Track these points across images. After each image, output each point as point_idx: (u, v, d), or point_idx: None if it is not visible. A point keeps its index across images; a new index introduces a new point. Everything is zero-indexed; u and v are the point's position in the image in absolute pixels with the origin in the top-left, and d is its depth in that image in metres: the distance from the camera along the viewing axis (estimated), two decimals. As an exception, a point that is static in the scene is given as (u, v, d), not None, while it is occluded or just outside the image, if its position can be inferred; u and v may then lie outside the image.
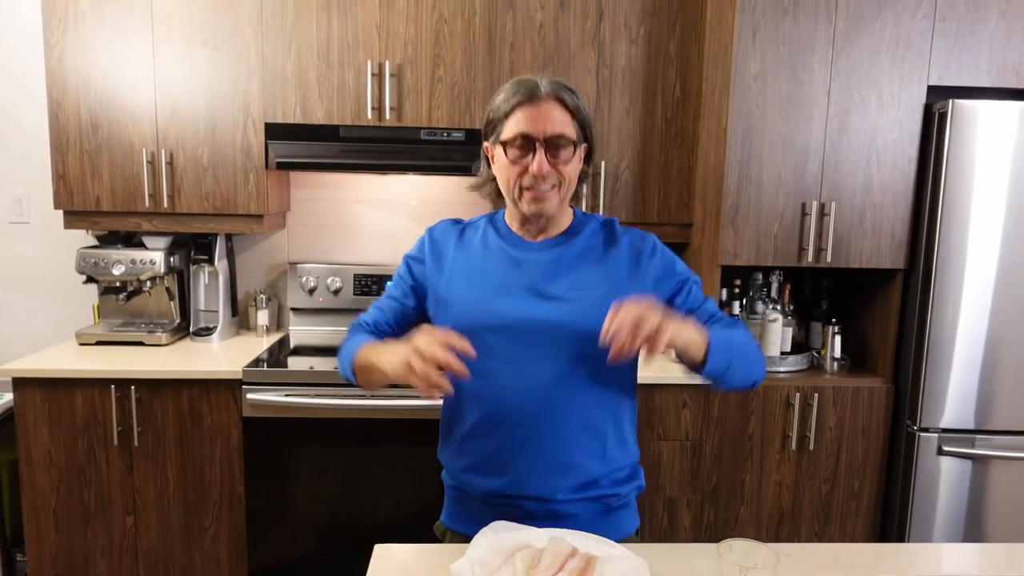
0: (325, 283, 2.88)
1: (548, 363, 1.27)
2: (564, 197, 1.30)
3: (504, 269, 1.33)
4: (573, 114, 1.26)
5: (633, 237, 1.36)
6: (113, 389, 2.32)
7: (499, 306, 1.30)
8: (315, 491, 2.40)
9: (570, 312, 1.27)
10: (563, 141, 1.25)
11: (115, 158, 2.52)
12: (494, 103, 1.29)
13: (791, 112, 2.35)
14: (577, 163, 1.29)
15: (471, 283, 1.33)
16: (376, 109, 2.53)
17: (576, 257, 1.33)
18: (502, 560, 1.16)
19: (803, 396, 2.46)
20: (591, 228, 1.37)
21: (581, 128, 1.28)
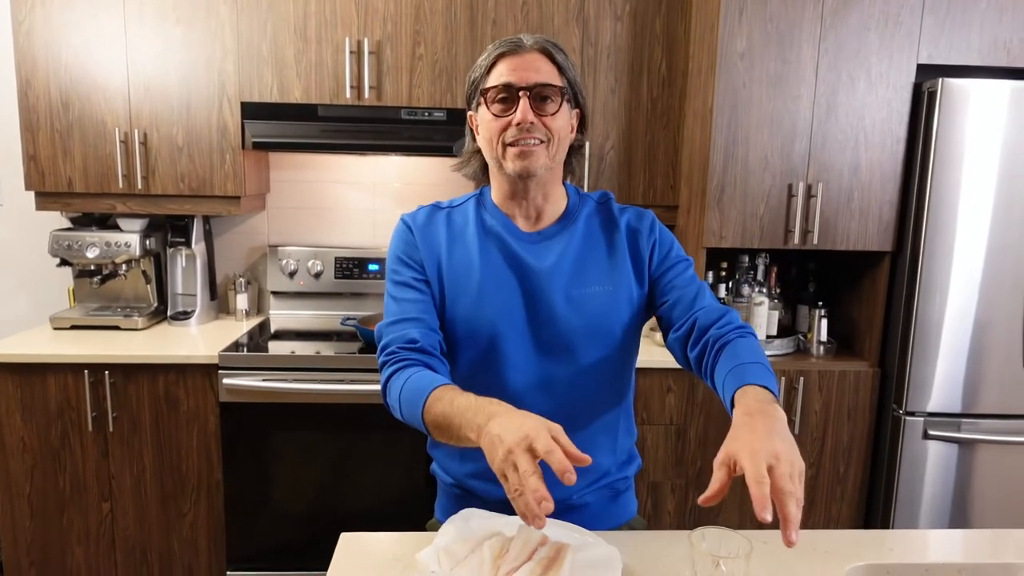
0: (306, 266, 2.83)
1: (562, 367, 1.21)
2: (553, 156, 1.18)
3: (506, 267, 1.22)
4: (560, 70, 1.17)
5: (631, 217, 1.28)
6: (87, 374, 2.28)
7: (505, 309, 1.21)
8: (295, 478, 2.36)
9: (581, 314, 1.21)
10: (549, 91, 1.15)
11: (87, 138, 2.45)
12: (476, 64, 1.20)
13: (778, 91, 2.30)
14: (566, 119, 1.19)
15: (472, 284, 1.22)
16: (355, 88, 2.47)
17: (579, 250, 1.24)
18: (469, 549, 1.12)
19: (788, 380, 2.43)
20: (588, 210, 1.29)
21: (570, 87, 1.18)
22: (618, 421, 1.31)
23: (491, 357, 1.22)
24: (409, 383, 1.12)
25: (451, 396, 1.06)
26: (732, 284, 2.62)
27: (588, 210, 1.28)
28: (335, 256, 2.83)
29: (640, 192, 2.61)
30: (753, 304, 2.52)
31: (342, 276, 2.84)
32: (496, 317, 1.21)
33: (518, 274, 1.22)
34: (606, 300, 1.22)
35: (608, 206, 1.30)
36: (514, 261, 1.23)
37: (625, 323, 1.24)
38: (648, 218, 1.30)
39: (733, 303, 2.61)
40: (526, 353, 1.22)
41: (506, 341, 1.21)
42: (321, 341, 2.56)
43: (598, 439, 1.28)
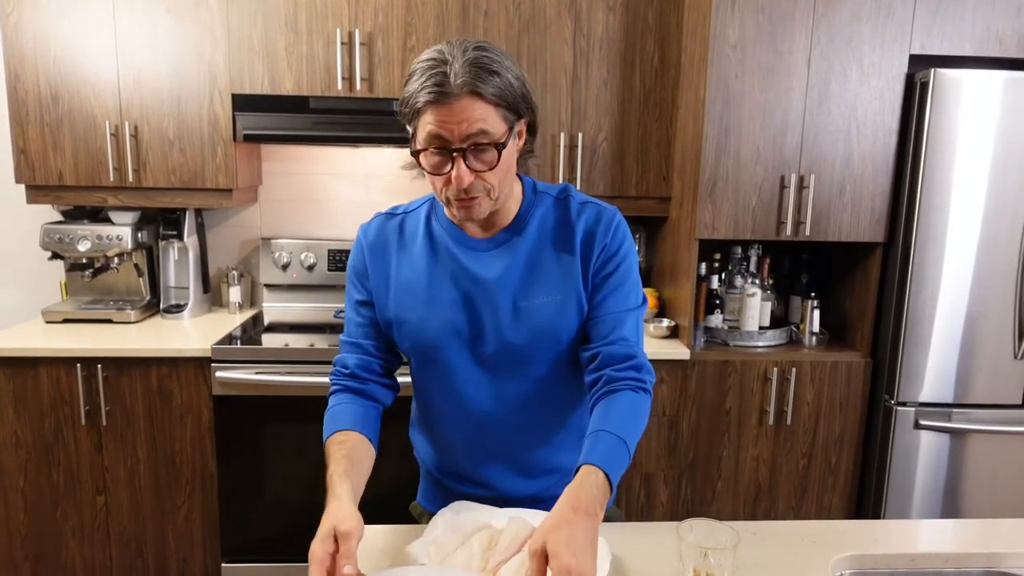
0: (299, 259, 2.82)
1: (513, 380, 1.20)
2: (497, 198, 1.13)
3: (453, 280, 1.19)
4: (496, 102, 1.05)
5: (589, 217, 1.20)
6: (79, 368, 2.27)
7: (453, 324, 1.19)
8: (289, 470, 2.37)
9: (528, 327, 1.17)
10: (483, 141, 1.06)
11: (77, 131, 2.44)
12: (406, 91, 1.10)
13: (771, 82, 2.30)
14: (509, 154, 1.11)
15: (419, 299, 1.20)
16: (346, 79, 2.46)
17: (530, 255, 1.19)
18: (460, 541, 1.13)
19: (781, 371, 2.44)
20: (543, 209, 1.21)
21: (512, 109, 1.08)
22: (583, 418, 1.25)
23: (442, 369, 1.21)
24: (328, 414, 1.24)
25: (329, 455, 1.16)
26: (725, 275, 2.63)
27: (543, 209, 1.22)
28: (328, 248, 2.83)
29: (633, 184, 2.60)
30: (746, 295, 2.53)
31: (335, 268, 2.83)
32: (441, 331, 1.19)
33: (464, 286, 1.19)
34: (554, 310, 1.17)
35: (566, 203, 1.22)
36: (461, 273, 1.19)
37: (573, 331, 1.19)
38: (606, 219, 1.20)
39: (726, 295, 2.61)
40: (474, 366, 1.20)
41: (453, 354, 1.20)
42: (315, 334, 2.56)
43: (564, 441, 1.27)
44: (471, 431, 1.25)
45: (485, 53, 1.06)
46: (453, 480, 1.32)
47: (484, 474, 1.27)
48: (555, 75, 2.52)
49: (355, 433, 1.18)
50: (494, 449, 1.25)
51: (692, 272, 2.42)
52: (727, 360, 2.43)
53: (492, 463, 1.26)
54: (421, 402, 1.33)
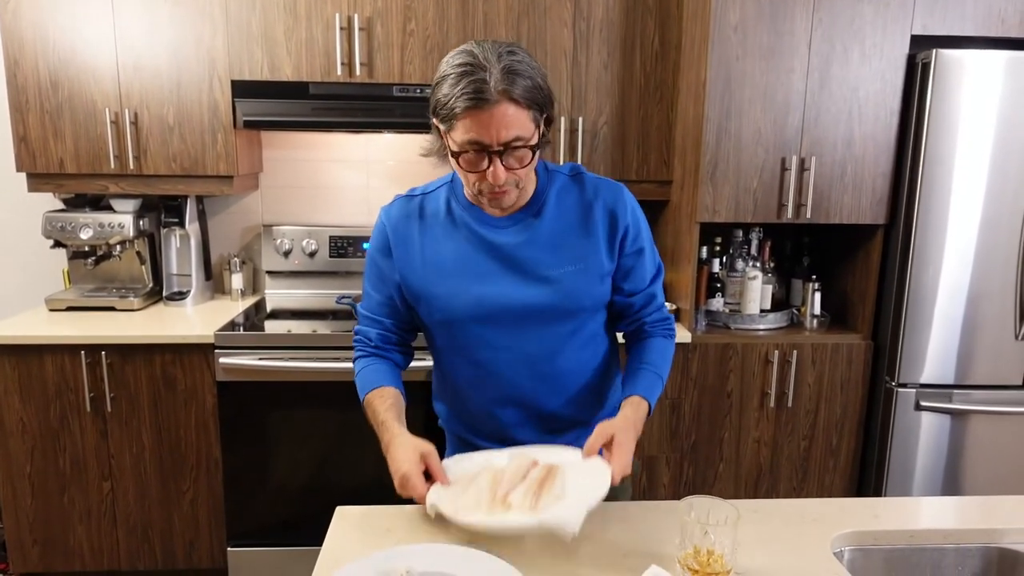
0: (300, 245, 2.83)
1: (535, 344, 1.27)
2: (526, 184, 1.24)
3: (478, 254, 1.26)
4: (528, 104, 1.13)
5: (607, 196, 1.28)
6: (83, 355, 2.29)
7: (481, 295, 1.26)
8: (293, 454, 2.38)
9: (555, 292, 1.25)
10: (519, 143, 1.14)
11: (77, 118, 2.44)
12: (441, 93, 1.15)
13: (772, 64, 2.29)
14: (535, 155, 1.20)
15: (446, 273, 1.27)
16: (346, 65, 2.46)
17: (549, 228, 1.26)
18: (466, 484, 1.17)
19: (782, 353, 2.45)
20: (558, 186, 1.29)
21: (539, 108, 1.15)
22: (603, 382, 1.37)
23: (469, 338, 1.28)
24: (360, 375, 1.38)
25: (374, 408, 1.32)
26: (726, 259, 2.63)
27: (558, 186, 1.29)
28: (329, 235, 2.83)
29: (634, 168, 2.60)
30: (747, 278, 2.53)
31: (336, 255, 2.84)
32: (469, 302, 1.26)
33: (489, 259, 1.26)
34: (575, 278, 1.26)
35: (580, 180, 1.31)
36: (485, 246, 1.26)
37: (596, 297, 1.30)
38: (624, 196, 1.30)
39: (727, 278, 2.61)
40: (499, 333, 1.27)
41: (480, 324, 1.27)
42: (317, 320, 2.57)
43: (586, 400, 1.35)
44: (496, 393, 1.32)
45: (516, 58, 1.12)
46: (479, 439, 1.38)
47: (509, 432, 1.34)
48: (555, 59, 2.51)
49: (391, 388, 1.33)
50: (518, 409, 1.33)
51: (693, 256, 2.42)
52: (728, 343, 2.44)
53: (517, 422, 1.33)
54: (445, 371, 1.39)
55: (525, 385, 1.30)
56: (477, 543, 1.09)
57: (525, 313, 1.25)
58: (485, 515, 1.09)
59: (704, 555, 1.01)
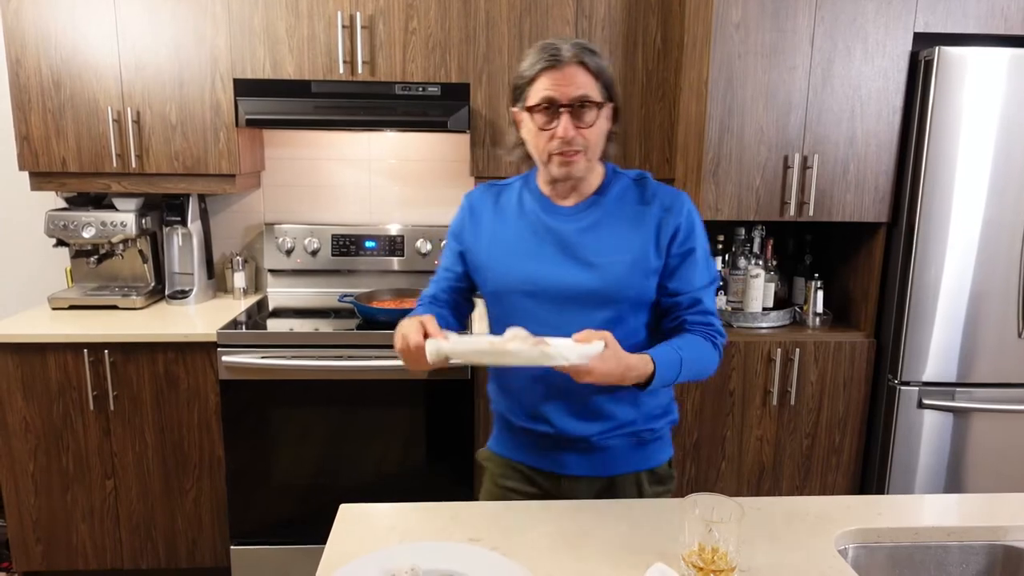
0: (302, 244, 2.83)
1: (580, 326, 1.28)
2: (591, 159, 1.32)
3: (537, 234, 1.37)
4: (596, 76, 1.27)
5: (664, 197, 1.36)
6: (86, 353, 2.29)
7: (532, 272, 1.35)
8: (296, 453, 2.39)
9: (599, 278, 1.32)
10: (587, 103, 1.26)
11: (80, 117, 2.44)
12: (520, 69, 1.31)
13: (774, 62, 2.29)
14: (603, 124, 1.31)
15: (506, 249, 1.39)
16: (348, 63, 2.46)
17: (606, 219, 1.35)
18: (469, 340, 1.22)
19: (784, 351, 2.45)
20: (621, 185, 1.38)
21: (606, 88, 1.29)
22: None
23: (518, 313, 1.37)
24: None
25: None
26: (728, 257, 2.63)
27: (621, 186, 1.38)
28: (332, 233, 2.83)
29: (636, 166, 2.59)
30: (749, 276, 2.53)
31: (339, 253, 2.84)
32: (521, 277, 1.37)
33: (545, 242, 1.36)
34: (622, 268, 1.32)
35: (644, 183, 1.39)
36: (544, 231, 1.37)
37: (638, 289, 1.34)
38: (681, 200, 1.36)
39: (729, 276, 2.61)
40: (546, 311, 1.35)
41: (529, 299, 1.36)
42: (319, 318, 2.57)
43: (617, 392, 1.36)
44: (538, 372, 1.37)
45: (590, 47, 1.29)
46: (520, 419, 1.44)
47: (546, 412, 1.39)
48: (557, 57, 2.51)
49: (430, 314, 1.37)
50: (558, 390, 1.37)
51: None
52: (731, 341, 2.44)
53: (554, 403, 1.39)
54: None
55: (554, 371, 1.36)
56: (481, 542, 1.09)
57: (568, 294, 1.34)
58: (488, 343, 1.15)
59: (709, 552, 1.01)
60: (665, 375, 1.24)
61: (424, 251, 2.84)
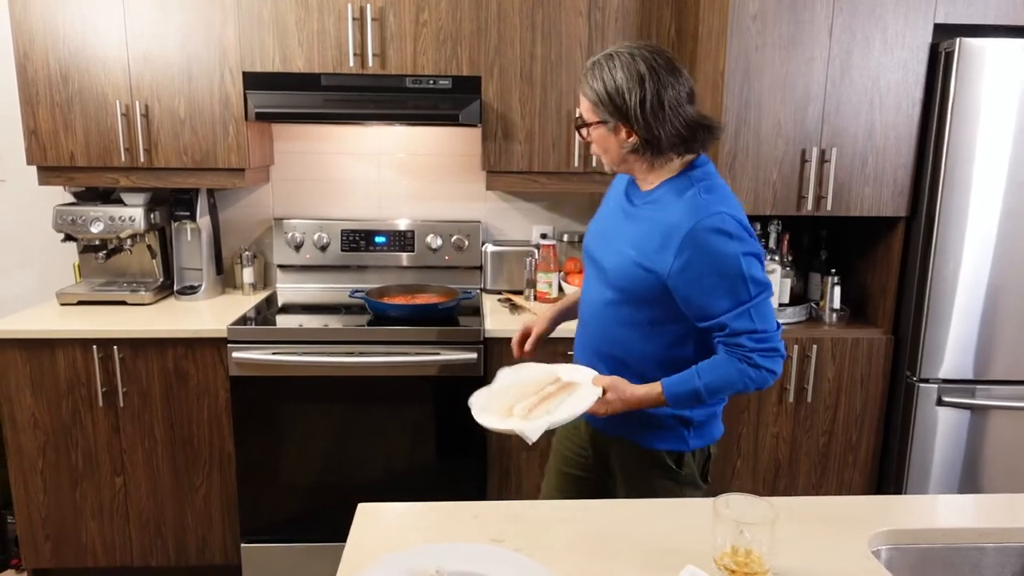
0: (312, 239, 2.80)
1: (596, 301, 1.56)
2: (608, 162, 1.50)
3: (614, 216, 1.57)
4: (590, 98, 1.43)
5: (686, 212, 1.38)
6: (95, 349, 2.27)
7: (591, 245, 1.60)
8: (306, 450, 2.36)
9: (612, 263, 1.49)
10: (580, 122, 1.49)
11: (88, 111, 2.41)
12: None
13: (792, 53, 2.25)
14: (605, 137, 1.45)
15: (595, 223, 1.64)
16: (358, 56, 2.43)
17: (641, 213, 1.48)
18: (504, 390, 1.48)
19: (801, 348, 2.41)
20: (667, 187, 1.45)
21: (608, 106, 1.40)
22: (650, 369, 1.48)
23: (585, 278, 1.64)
24: None
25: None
26: (743, 252, 2.59)
27: (667, 187, 1.45)
28: (341, 228, 2.81)
29: (650, 159, 2.56)
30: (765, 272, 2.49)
31: (348, 249, 2.81)
32: (586, 247, 1.62)
33: (614, 222, 1.56)
34: (626, 260, 1.46)
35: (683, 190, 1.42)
36: (620, 211, 1.55)
37: (635, 283, 1.45)
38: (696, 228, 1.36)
39: (744, 271, 2.57)
40: (588, 281, 1.60)
41: (587, 266, 1.61)
42: (329, 314, 2.55)
43: (626, 377, 1.47)
44: (580, 331, 1.64)
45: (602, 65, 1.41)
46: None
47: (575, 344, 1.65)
48: (570, 49, 2.48)
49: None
50: (582, 332, 1.63)
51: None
52: (746, 337, 2.40)
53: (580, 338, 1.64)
54: None
55: (586, 338, 1.61)
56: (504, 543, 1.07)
57: (598, 268, 1.54)
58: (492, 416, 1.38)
59: (742, 554, 0.98)
60: (679, 400, 1.42)
61: (435, 246, 2.81)
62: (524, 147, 2.54)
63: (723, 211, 1.36)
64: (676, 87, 1.39)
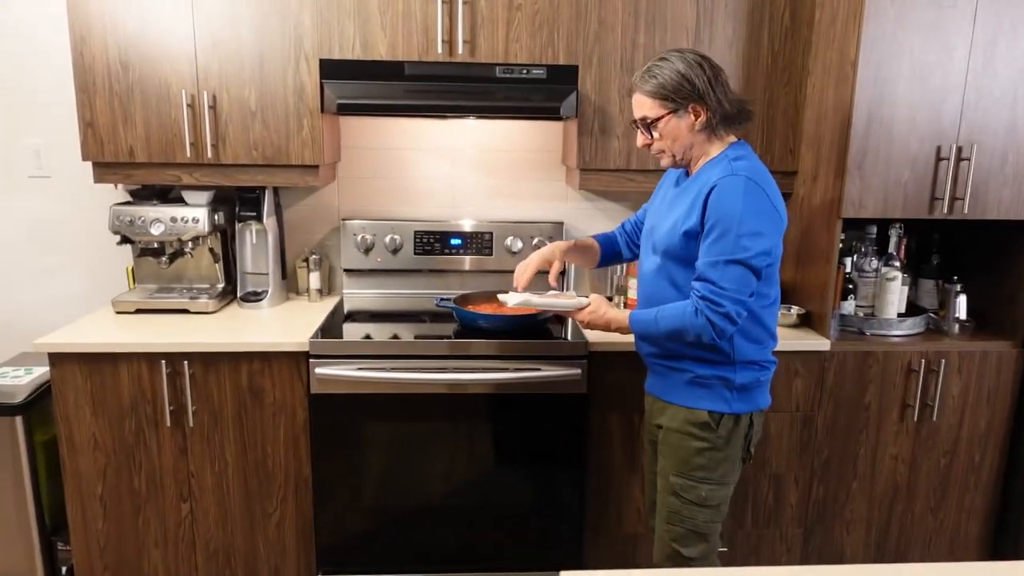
0: (383, 241, 2.59)
1: (652, 261, 1.77)
2: (675, 154, 1.71)
3: (664, 200, 1.80)
4: (653, 95, 1.65)
5: (714, 174, 1.61)
6: (163, 364, 2.06)
7: (649, 226, 1.82)
8: (391, 474, 2.16)
9: (661, 233, 1.72)
10: (644, 121, 1.70)
11: (149, 102, 2.20)
12: None
13: (931, 41, 2.05)
14: (673, 127, 1.66)
15: (654, 208, 1.85)
16: (447, 42, 2.22)
17: (681, 192, 1.72)
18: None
19: (926, 363, 2.22)
20: (707, 166, 1.68)
21: (682, 92, 1.62)
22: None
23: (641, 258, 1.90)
24: None
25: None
26: (856, 257, 2.39)
27: (709, 165, 1.68)
28: (414, 230, 2.60)
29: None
30: (885, 279, 2.30)
31: (422, 252, 2.61)
32: (647, 232, 1.83)
33: (665, 208, 1.77)
34: (668, 226, 1.70)
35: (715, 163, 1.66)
36: (669, 195, 1.79)
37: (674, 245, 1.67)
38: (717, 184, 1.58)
39: (859, 279, 2.38)
40: (643, 260, 1.85)
41: (646, 241, 1.84)
42: (408, 323, 2.35)
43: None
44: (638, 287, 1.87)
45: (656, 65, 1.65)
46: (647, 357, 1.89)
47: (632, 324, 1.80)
48: (675, 35, 2.27)
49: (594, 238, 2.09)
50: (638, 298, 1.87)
51: (833, 255, 2.19)
52: (868, 351, 2.21)
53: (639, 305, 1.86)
54: None
55: (642, 294, 1.82)
56: None
57: (651, 246, 1.78)
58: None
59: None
60: (639, 324, 1.70)
61: (515, 249, 2.60)
62: (622, 143, 2.33)
63: (743, 174, 1.57)
64: (723, 73, 1.65)
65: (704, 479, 1.72)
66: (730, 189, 1.56)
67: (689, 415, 1.71)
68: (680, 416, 1.73)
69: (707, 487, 1.72)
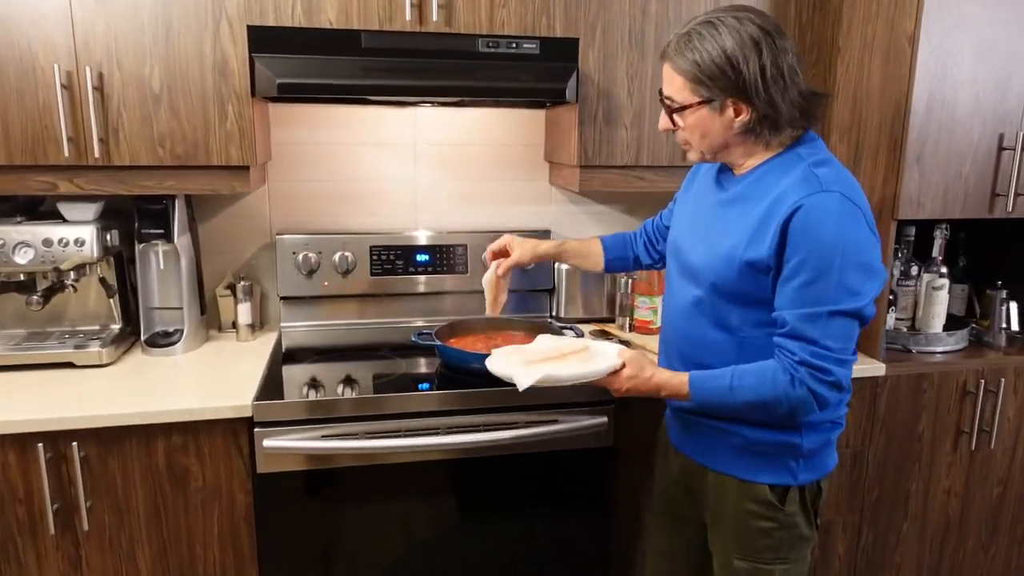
0: (330, 261, 2.07)
1: (682, 297, 1.38)
2: (704, 149, 1.31)
3: (700, 206, 1.40)
4: (685, 74, 1.23)
5: (792, 189, 1.20)
6: (41, 449, 1.47)
7: (676, 238, 1.43)
8: (366, 569, 1.66)
9: (703, 256, 1.32)
10: (666, 101, 1.29)
11: (8, 81, 1.59)
12: None
13: (999, 10, 1.75)
14: (706, 120, 1.25)
15: (680, 215, 1.47)
16: (416, 6, 1.73)
17: (736, 200, 1.30)
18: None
19: (978, 381, 1.94)
20: (768, 167, 1.27)
21: (721, 81, 1.20)
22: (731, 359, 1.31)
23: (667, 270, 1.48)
24: None
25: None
26: (900, 263, 2.09)
27: (766, 169, 1.27)
28: (370, 245, 2.09)
29: (780, 149, 2.01)
30: (931, 288, 2.01)
31: (380, 272, 2.10)
32: (672, 240, 1.45)
33: (701, 213, 1.38)
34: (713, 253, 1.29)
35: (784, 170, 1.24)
36: (707, 202, 1.38)
37: (722, 278, 1.27)
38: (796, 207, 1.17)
39: (898, 288, 2.08)
40: (673, 275, 1.44)
41: (672, 260, 1.44)
42: (373, 360, 1.85)
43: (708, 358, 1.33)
44: (664, 338, 1.48)
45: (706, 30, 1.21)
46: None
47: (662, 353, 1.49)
48: (692, 4, 1.88)
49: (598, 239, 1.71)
50: (668, 332, 1.45)
51: (888, 263, 1.86)
52: (923, 373, 1.91)
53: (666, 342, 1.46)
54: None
55: (671, 342, 1.43)
56: None
57: (682, 261, 1.39)
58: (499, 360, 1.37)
59: None
60: (705, 395, 1.27)
61: (495, 265, 2.14)
62: (631, 134, 1.92)
63: (836, 190, 1.18)
64: (791, 52, 1.21)
65: (776, 560, 1.36)
66: (823, 212, 1.16)
67: (745, 490, 1.34)
68: (733, 490, 1.36)
69: (781, 567, 1.36)
